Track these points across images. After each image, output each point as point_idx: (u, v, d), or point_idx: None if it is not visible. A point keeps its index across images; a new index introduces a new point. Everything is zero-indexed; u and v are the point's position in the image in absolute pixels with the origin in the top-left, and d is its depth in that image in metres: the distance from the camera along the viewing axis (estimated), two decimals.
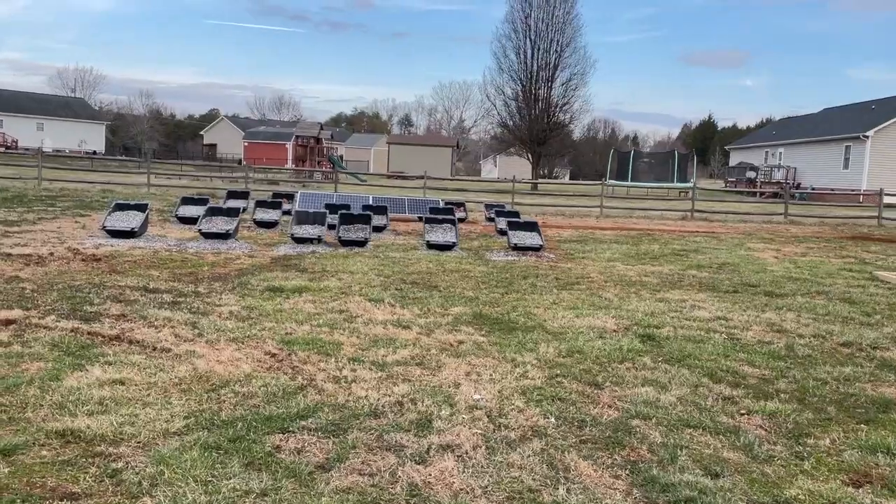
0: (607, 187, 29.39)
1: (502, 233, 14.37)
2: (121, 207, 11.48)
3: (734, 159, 47.87)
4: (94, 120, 65.54)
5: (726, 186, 42.47)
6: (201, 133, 75.79)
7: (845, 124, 37.07)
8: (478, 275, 9.10)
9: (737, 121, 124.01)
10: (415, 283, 8.29)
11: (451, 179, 29.73)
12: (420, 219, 17.88)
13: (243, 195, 17.95)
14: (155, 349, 4.75)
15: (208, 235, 11.10)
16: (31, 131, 58.51)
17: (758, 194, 36.84)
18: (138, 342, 4.88)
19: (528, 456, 3.29)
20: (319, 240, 11.37)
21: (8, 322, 5.10)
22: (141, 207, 11.52)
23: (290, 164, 48.90)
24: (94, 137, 62.81)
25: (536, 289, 8.18)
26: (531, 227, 12.03)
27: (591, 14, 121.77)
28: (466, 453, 3.28)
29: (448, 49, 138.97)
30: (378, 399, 3.98)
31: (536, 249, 11.45)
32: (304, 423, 3.55)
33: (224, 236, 11.10)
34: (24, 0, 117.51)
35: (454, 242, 11.43)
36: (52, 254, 9.02)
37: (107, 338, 4.91)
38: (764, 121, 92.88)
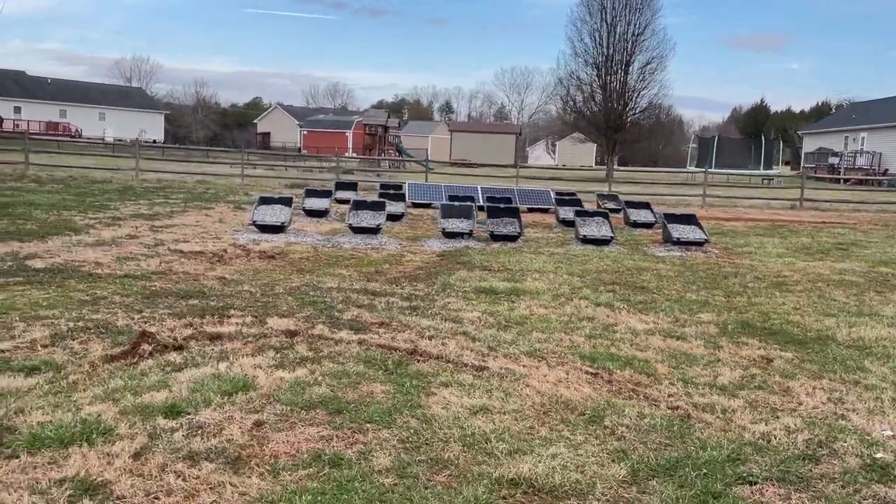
0: (681, 174, 28.30)
1: (634, 225, 13.77)
2: (265, 201, 11.17)
3: (809, 144, 46.01)
4: (152, 109, 66.39)
5: (802, 173, 40.81)
6: (255, 121, 76.21)
7: None
8: (667, 273, 8.52)
9: (790, 104, 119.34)
10: (615, 283, 7.75)
11: (544, 168, 28.99)
12: (530, 210, 17.39)
13: (352, 186, 17.62)
14: (465, 365, 4.30)
15: (357, 230, 10.72)
16: (94, 121, 59.46)
17: (841, 181, 35.28)
18: (440, 357, 4.43)
19: None
20: (470, 234, 10.90)
21: (290, 333, 4.71)
22: (286, 202, 11.20)
23: (350, 153, 48.63)
24: (153, 127, 63.61)
25: (751, 290, 7.56)
26: (689, 219, 11.36)
27: None
28: None
29: (485, 35, 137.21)
30: (786, 437, 3.44)
31: (700, 244, 10.80)
32: (751, 469, 3.03)
33: (373, 231, 10.71)
34: None
35: (611, 237, 10.84)
36: (224, 251, 8.72)
37: (405, 352, 4.48)
38: (819, 104, 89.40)
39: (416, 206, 15.89)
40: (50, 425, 3.02)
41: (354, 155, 43.98)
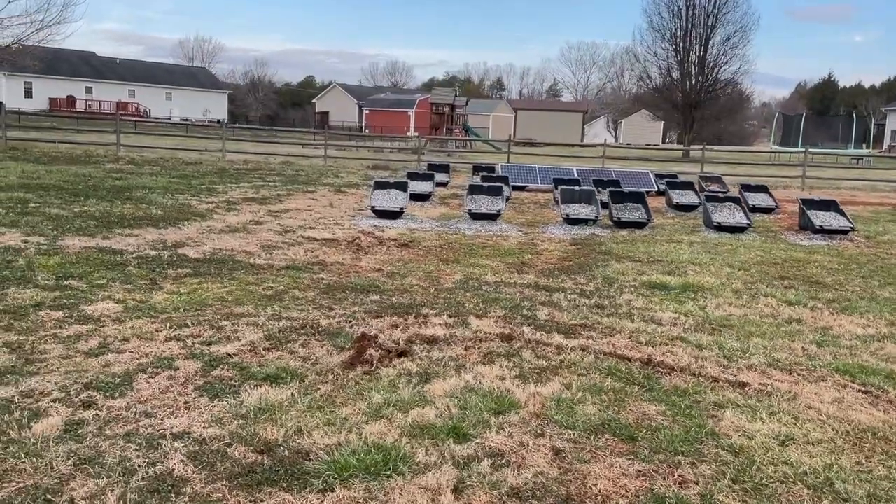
0: (762, 153, 26.88)
1: (753, 209, 13.03)
2: (380, 186, 10.90)
3: (894, 121, 43.54)
4: (216, 89, 67.29)
5: (889, 152, 38.72)
6: (313, 101, 76.59)
7: None
8: (831, 265, 7.89)
9: (860, 79, 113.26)
10: (784, 277, 7.18)
11: (632, 148, 28.11)
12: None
13: (444, 168, 17.27)
14: (718, 380, 3.87)
15: (476, 216, 10.36)
16: (161, 101, 60.61)
17: None
18: (682, 369, 4.01)
19: None
20: (595, 220, 10.42)
21: (506, 337, 4.37)
22: (401, 186, 10.91)
23: (412, 132, 48.28)
24: (216, 106, 64.54)
25: None
26: (829, 206, 10.61)
27: None
28: None
29: (538, 9, 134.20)
30: None
31: (845, 232, 10.06)
32: None
33: (493, 217, 10.34)
34: None
35: (748, 223, 10.20)
36: (357, 238, 8.46)
37: (640, 362, 4.08)
38: (892, 78, 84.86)
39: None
40: (343, 449, 2.74)
41: (416, 134, 43.52)
